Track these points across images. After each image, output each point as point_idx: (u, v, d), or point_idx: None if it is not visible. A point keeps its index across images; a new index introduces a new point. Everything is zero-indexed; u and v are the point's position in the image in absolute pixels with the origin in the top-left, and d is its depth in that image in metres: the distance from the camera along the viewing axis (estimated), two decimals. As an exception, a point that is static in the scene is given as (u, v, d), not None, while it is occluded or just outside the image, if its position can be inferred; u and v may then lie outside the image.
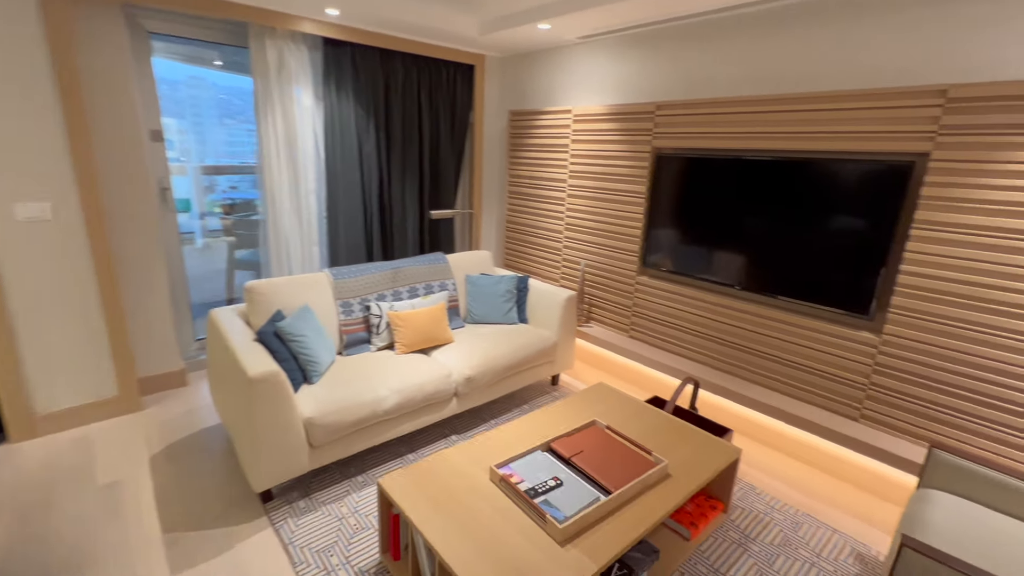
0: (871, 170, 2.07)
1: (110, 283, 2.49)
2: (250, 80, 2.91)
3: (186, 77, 3.65)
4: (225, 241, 4.26)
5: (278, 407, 1.90)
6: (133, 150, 2.59)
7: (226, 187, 4.37)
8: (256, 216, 3.68)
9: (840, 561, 1.90)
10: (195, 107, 3.81)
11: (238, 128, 3.96)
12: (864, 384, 2.20)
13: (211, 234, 4.49)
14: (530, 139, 3.59)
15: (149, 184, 2.69)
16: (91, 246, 2.42)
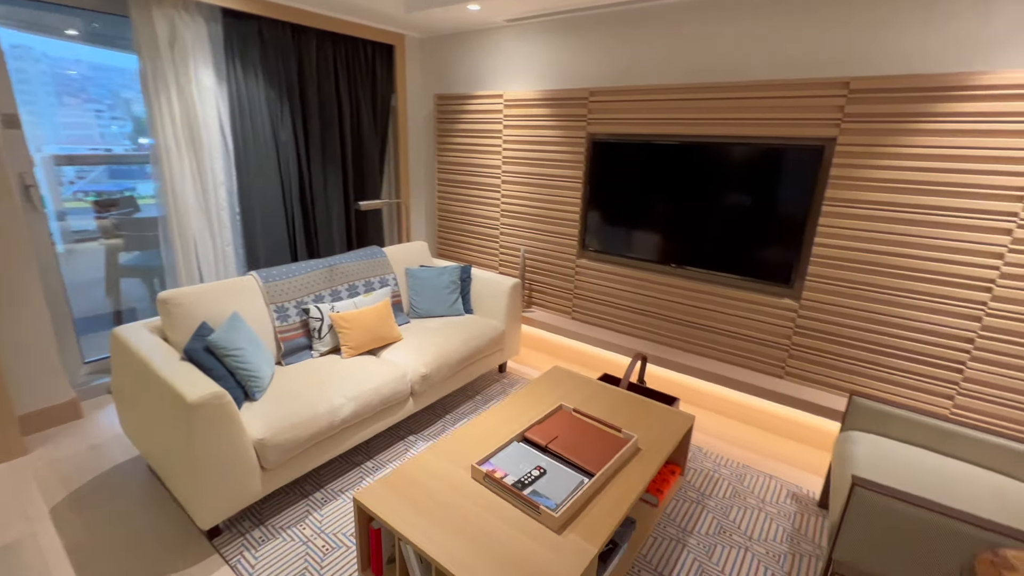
0: (788, 153, 2.29)
1: (-31, 305, 2.02)
2: (116, 55, 2.47)
3: (9, 47, 2.98)
4: (103, 245, 3.64)
5: (224, 432, 1.69)
6: (-17, 139, 2.10)
7: (80, 180, 3.70)
8: (141, 214, 3.18)
9: (781, 503, 2.15)
10: (32, 85, 3.14)
11: (88, 110, 3.35)
12: (787, 345, 2.48)
13: (75, 236, 3.80)
14: (459, 124, 3.49)
15: (7, 180, 2.20)
16: (-63, 261, 1.94)
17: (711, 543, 1.92)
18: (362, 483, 2.17)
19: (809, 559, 1.86)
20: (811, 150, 2.23)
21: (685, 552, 1.88)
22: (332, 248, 3.45)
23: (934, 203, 2.01)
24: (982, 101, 1.86)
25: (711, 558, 1.85)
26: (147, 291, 3.35)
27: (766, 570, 1.81)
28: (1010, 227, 1.89)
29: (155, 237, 3.20)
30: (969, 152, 1.91)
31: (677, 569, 1.80)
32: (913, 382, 2.19)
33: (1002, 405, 2.02)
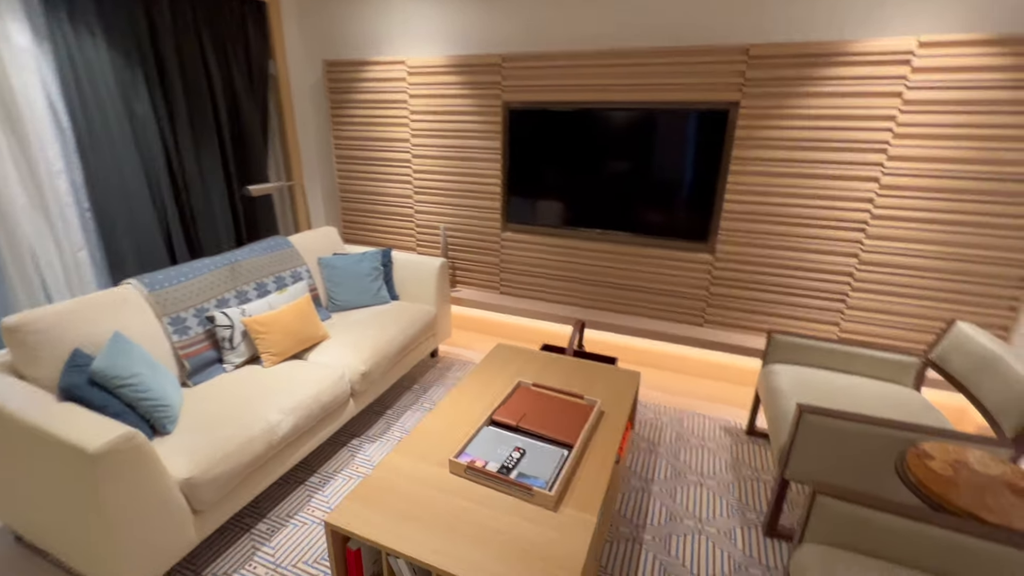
0: (698, 117, 2.45)
1: None
2: None
3: None
4: None
5: (142, 480, 1.37)
6: None
7: None
8: None
9: (717, 438, 2.38)
10: None
11: None
12: (705, 295, 2.71)
13: None
14: (356, 94, 3.16)
15: None
16: None
17: (671, 486, 2.07)
18: (310, 501, 1.95)
19: (752, 482, 2.09)
20: (718, 113, 2.40)
21: (652, 499, 2.00)
22: (218, 243, 2.95)
23: (821, 158, 2.30)
24: (855, 66, 2.14)
25: (675, 500, 1.99)
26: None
27: (721, 500, 2.00)
28: (877, 175, 2.24)
29: None
30: (846, 112, 2.20)
31: (649, 517, 1.91)
32: (811, 315, 2.54)
33: (879, 326, 2.43)
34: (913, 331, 2.38)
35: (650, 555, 1.74)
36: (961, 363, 1.83)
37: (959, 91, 2.04)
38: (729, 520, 1.90)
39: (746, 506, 1.97)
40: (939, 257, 2.24)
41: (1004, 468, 1.37)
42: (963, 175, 2.12)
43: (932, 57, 2.04)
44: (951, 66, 2.02)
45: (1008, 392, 1.57)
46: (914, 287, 2.32)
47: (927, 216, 2.22)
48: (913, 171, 2.18)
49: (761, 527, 1.86)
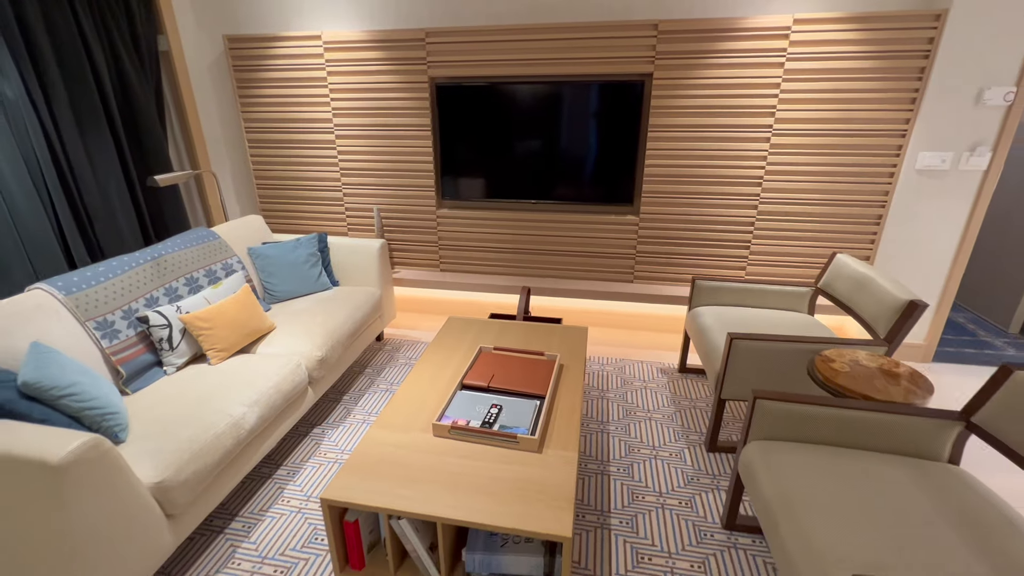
0: (616, 88, 2.64)
1: None
2: None
3: None
4: None
5: (112, 488, 1.28)
6: None
7: None
8: None
9: (656, 378, 2.66)
10: None
11: None
12: (633, 254, 2.97)
13: None
14: (266, 72, 2.96)
15: None
16: None
17: (625, 424, 2.30)
18: (282, 493, 1.91)
19: (690, 411, 2.39)
20: (634, 85, 2.62)
21: (610, 438, 2.21)
22: (121, 242, 2.65)
23: (723, 123, 2.61)
24: (746, 40, 2.45)
25: (631, 435, 2.23)
26: None
27: (667, 429, 2.27)
28: (768, 136, 2.59)
29: None
30: (741, 80, 2.52)
31: (611, 452, 2.12)
32: (722, 263, 2.90)
33: (777, 266, 2.84)
34: (803, 268, 2.82)
35: (617, 483, 1.95)
36: (842, 286, 2.24)
37: (827, 61, 2.42)
38: (677, 444, 2.17)
39: (689, 430, 2.26)
40: (818, 203, 2.67)
41: (882, 361, 1.73)
42: (832, 133, 2.54)
43: (805, 32, 2.39)
44: (820, 39, 2.39)
45: (879, 304, 1.97)
46: (800, 231, 2.74)
47: (807, 169, 2.62)
48: (794, 131, 2.56)
49: (704, 445, 2.16)
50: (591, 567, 1.61)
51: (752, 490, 1.47)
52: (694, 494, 1.89)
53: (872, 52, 2.37)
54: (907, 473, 1.39)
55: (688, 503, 1.85)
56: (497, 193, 2.98)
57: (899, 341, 1.86)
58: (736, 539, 1.70)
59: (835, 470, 1.40)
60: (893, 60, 2.37)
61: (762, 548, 1.67)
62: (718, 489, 1.92)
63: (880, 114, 2.46)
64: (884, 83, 2.41)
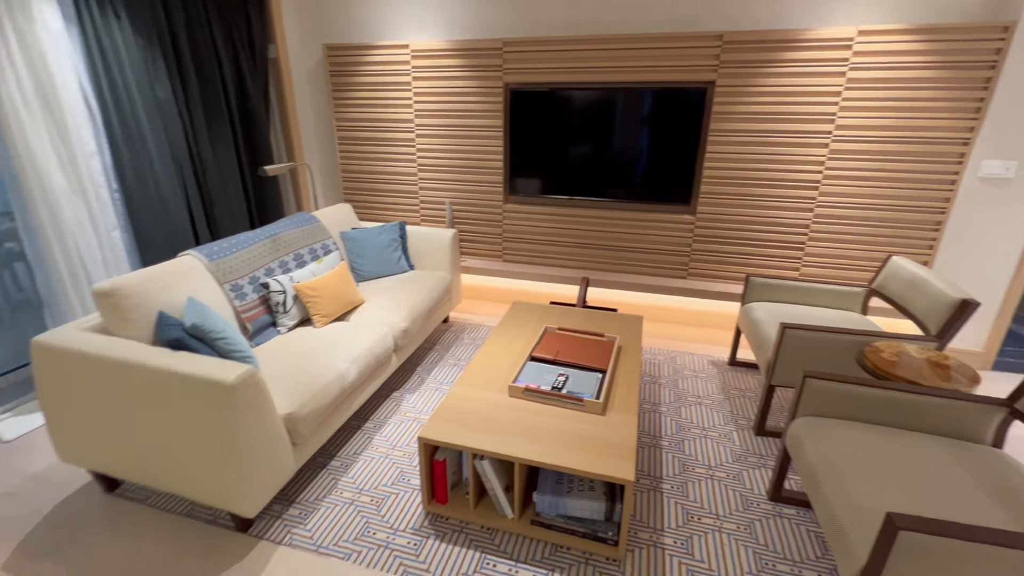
0: (680, 95, 2.82)
1: None
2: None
3: None
4: None
5: (262, 410, 1.59)
6: None
7: None
8: None
9: (706, 369, 2.81)
10: None
11: None
12: (688, 251, 3.13)
13: None
14: (359, 77, 3.31)
15: None
16: None
17: (676, 407, 2.47)
18: (372, 442, 2.20)
19: (739, 399, 2.53)
20: (696, 91, 2.78)
21: (662, 417, 2.39)
22: (233, 221, 3.06)
23: (782, 128, 2.73)
24: (808, 51, 2.57)
25: (681, 416, 2.40)
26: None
27: (716, 413, 2.42)
28: (827, 142, 2.70)
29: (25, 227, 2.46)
30: (802, 89, 2.64)
31: (663, 430, 2.30)
32: (775, 263, 3.01)
33: (829, 268, 2.93)
34: (855, 270, 2.89)
35: (668, 455, 2.13)
36: (896, 286, 2.33)
37: (890, 71, 2.51)
38: (725, 427, 2.32)
39: (737, 416, 2.40)
40: (875, 208, 2.75)
41: (930, 353, 1.84)
42: (892, 140, 2.61)
43: (869, 43, 2.49)
44: (884, 50, 2.49)
45: (932, 302, 2.06)
46: (855, 234, 2.82)
47: (865, 175, 2.71)
48: (854, 137, 2.66)
49: (752, 429, 2.30)
50: (645, 520, 1.80)
51: (798, 459, 1.63)
52: (742, 470, 2.05)
53: (936, 62, 2.45)
54: (949, 451, 1.51)
55: (736, 476, 2.01)
56: (560, 190, 3.21)
57: (950, 338, 1.95)
58: (781, 509, 1.85)
59: (878, 443, 1.54)
60: (958, 70, 2.44)
61: (806, 519, 1.81)
62: (765, 467, 2.06)
63: (943, 122, 2.53)
64: (948, 92, 2.48)
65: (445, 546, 1.68)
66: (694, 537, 1.73)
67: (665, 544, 1.70)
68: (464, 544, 1.69)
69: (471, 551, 1.66)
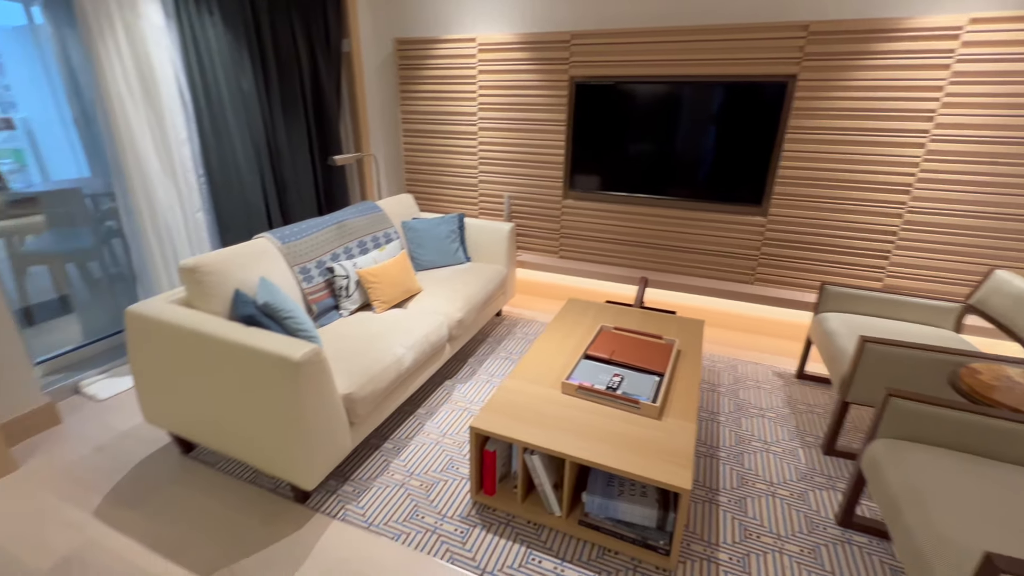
0: (756, 89, 2.67)
1: (-75, 301, 1.64)
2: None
3: None
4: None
5: (324, 389, 1.65)
6: None
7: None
8: (27, 187, 2.65)
9: (770, 380, 2.65)
10: None
11: None
12: (756, 255, 2.96)
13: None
14: (426, 71, 3.38)
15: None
16: None
17: (736, 418, 2.35)
18: (423, 428, 2.24)
19: (806, 415, 2.37)
20: (775, 85, 2.62)
21: (720, 427, 2.28)
22: (302, 207, 3.21)
23: (871, 126, 2.52)
24: (907, 41, 2.36)
25: (741, 427, 2.28)
26: (52, 281, 2.88)
27: (781, 427, 2.28)
28: (923, 142, 2.46)
29: (63, 215, 2.71)
30: (897, 83, 2.42)
31: (721, 439, 2.19)
32: (856, 271, 2.79)
33: (918, 280, 2.68)
34: (948, 284, 2.63)
35: (726, 467, 2.03)
36: (999, 303, 2.09)
37: (1003, 63, 2.25)
38: (790, 442, 2.18)
39: (804, 432, 2.25)
40: (977, 216, 2.48)
41: (1042, 380, 1.63)
42: (1003, 140, 2.35)
43: (981, 32, 2.25)
44: (998, 40, 2.23)
45: (1044, 323, 1.83)
46: (952, 244, 2.56)
47: (967, 179, 2.45)
48: (957, 137, 2.41)
49: (820, 447, 2.15)
50: (699, 532, 1.72)
51: (875, 485, 1.50)
52: (807, 490, 1.92)
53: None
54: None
55: (800, 496, 1.88)
56: (621, 187, 3.13)
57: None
58: (851, 536, 1.71)
59: (970, 473, 1.39)
60: (1091, 62, 2.15)
61: (879, 549, 1.66)
62: (833, 489, 1.92)
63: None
64: (1076, 87, 2.19)
65: (491, 537, 1.68)
66: (752, 555, 1.64)
67: (719, 559, 1.62)
68: (510, 537, 1.68)
69: (517, 544, 1.66)
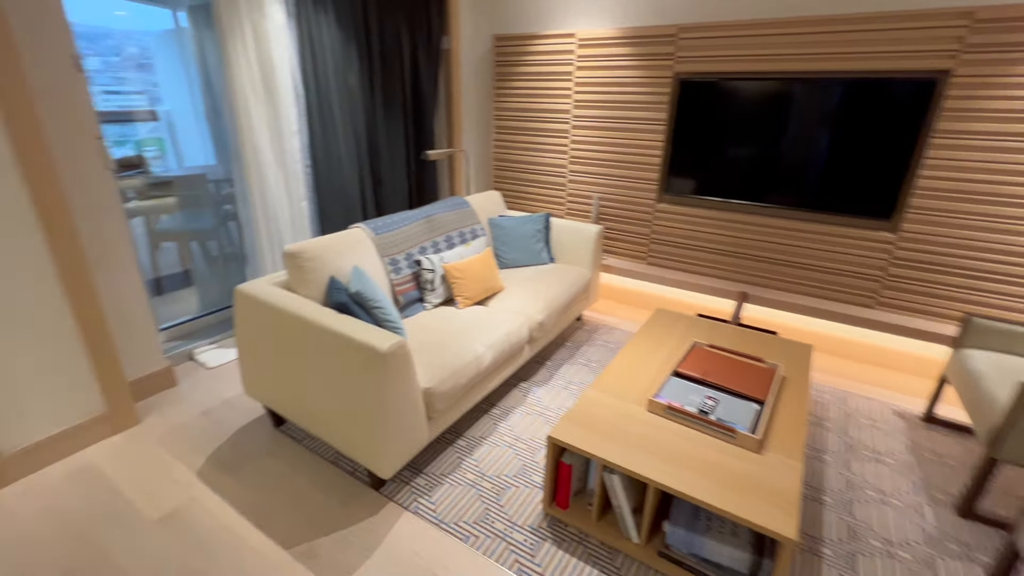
0: (894, 87, 2.33)
1: (78, 267, 1.86)
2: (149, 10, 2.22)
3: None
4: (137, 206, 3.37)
5: (407, 381, 1.66)
6: (59, 79, 1.88)
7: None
8: (165, 171, 2.93)
9: (890, 421, 2.31)
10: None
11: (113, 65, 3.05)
12: (880, 276, 2.60)
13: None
14: (521, 67, 3.35)
15: (87, 130, 2.00)
16: (43, 220, 1.76)
17: (845, 459, 2.07)
18: (497, 428, 2.20)
19: (936, 466, 2.03)
20: (922, 83, 2.27)
21: (825, 467, 2.02)
22: (395, 200, 3.32)
23: (1048, 131, 2.11)
24: (1110, 27, 1.93)
25: (851, 471, 2.00)
26: (178, 256, 3.18)
27: (902, 477, 1.97)
28: (1122, 151, 2.01)
29: (191, 197, 2.99)
30: (1090, 79, 2.00)
31: (826, 481, 1.94)
32: (1008, 303, 2.36)
33: (1093, 319, 2.21)
34: None
35: (833, 515, 1.78)
36: None
37: None
38: (914, 496, 1.88)
39: (932, 486, 1.93)
40: None
41: None
42: None
43: None
44: None
45: None
46: None
47: None
48: None
49: (954, 508, 1.82)
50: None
51: (1041, 567, 1.22)
52: (936, 557, 1.63)
53: None
54: None
55: (928, 563, 1.60)
56: (721, 192, 2.89)
57: None
58: (995, 622, 1.43)
59: None
60: None
61: (1035, 645, 1.37)
62: (971, 561, 1.61)
63: None
64: None
65: (562, 554, 1.60)
66: (864, 625, 1.42)
67: (823, 623, 1.42)
68: (582, 557, 1.59)
69: (588, 567, 1.56)
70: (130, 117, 2.78)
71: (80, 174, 1.97)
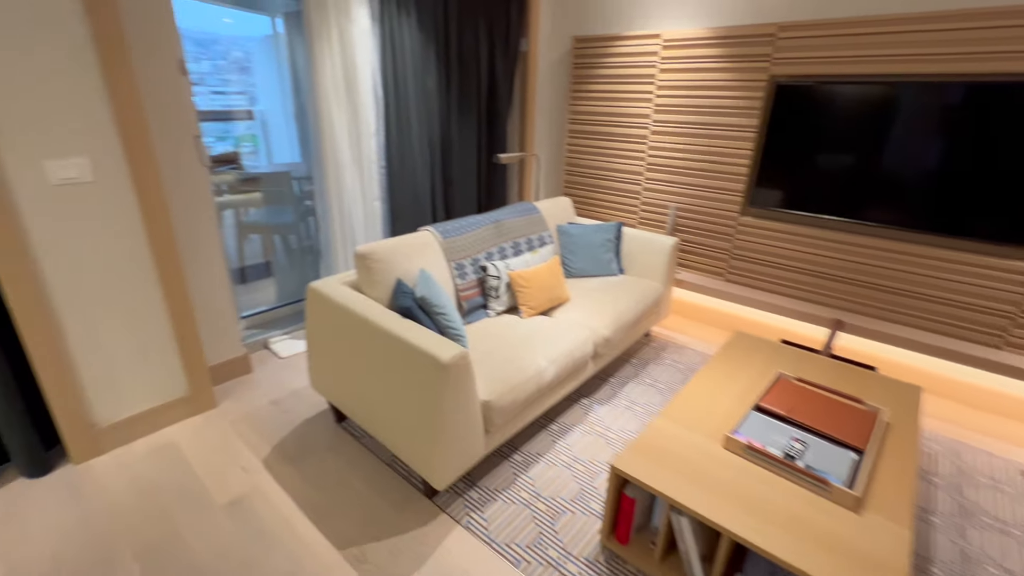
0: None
1: (171, 257, 1.99)
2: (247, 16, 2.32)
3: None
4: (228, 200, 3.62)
5: (466, 393, 1.61)
6: (166, 82, 2.01)
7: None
8: (255, 168, 3.09)
9: (1016, 483, 1.97)
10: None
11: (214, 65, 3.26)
12: (1012, 312, 2.23)
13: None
14: (599, 69, 3.23)
15: (188, 129, 2.13)
16: (143, 211, 1.89)
17: (958, 524, 1.78)
18: (555, 446, 2.11)
19: (1080, 546, 1.70)
20: (1084, 87, 1.91)
21: (935, 532, 1.74)
22: (466, 203, 3.31)
23: None
24: None
25: (967, 540, 1.71)
26: (261, 248, 3.34)
27: (1033, 556, 1.66)
28: None
29: (276, 193, 3.14)
30: None
31: (935, 550, 1.67)
32: None
33: None
34: None
35: (943, 592, 1.53)
36: None
37: None
38: (1051, 582, 1.57)
39: (1076, 572, 1.60)
40: None
41: None
42: None
43: None
44: None
45: None
46: None
47: None
48: None
49: (1106, 602, 1.50)
50: (898, 674, 1.31)
51: None
52: (1082, 662, 1.34)
53: None
54: None
55: (1070, 669, 1.32)
56: (818, 208, 2.61)
57: None
58: None
59: None
60: None
61: None
62: None
63: None
64: None
65: (619, 595, 1.49)
66: None
67: None
68: (641, 602, 1.47)
69: (648, 614, 1.43)
70: (230, 116, 2.98)
71: (178, 170, 2.11)
